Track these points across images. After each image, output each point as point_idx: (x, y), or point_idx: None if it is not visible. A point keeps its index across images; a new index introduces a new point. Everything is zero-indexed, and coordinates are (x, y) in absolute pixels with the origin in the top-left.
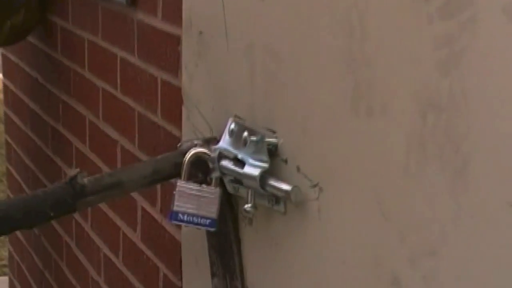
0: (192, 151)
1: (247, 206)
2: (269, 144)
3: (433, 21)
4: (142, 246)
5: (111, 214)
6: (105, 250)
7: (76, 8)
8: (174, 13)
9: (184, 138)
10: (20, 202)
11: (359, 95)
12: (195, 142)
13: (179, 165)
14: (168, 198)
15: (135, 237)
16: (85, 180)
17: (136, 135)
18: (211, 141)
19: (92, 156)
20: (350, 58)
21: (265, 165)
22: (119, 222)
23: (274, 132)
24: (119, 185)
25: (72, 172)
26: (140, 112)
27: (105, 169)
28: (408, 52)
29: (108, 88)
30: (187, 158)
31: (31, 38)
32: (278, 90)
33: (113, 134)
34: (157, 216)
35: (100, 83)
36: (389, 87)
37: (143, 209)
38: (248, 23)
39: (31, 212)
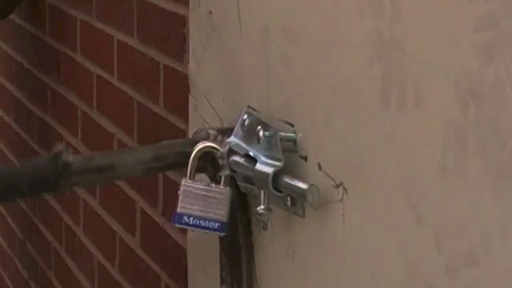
0: (199, 146)
1: (260, 208)
2: (286, 139)
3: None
4: (141, 253)
5: (106, 216)
6: (99, 257)
7: None
8: None
9: (191, 131)
10: None
11: (390, 83)
12: (210, 131)
13: (185, 154)
14: (171, 198)
15: (134, 242)
16: (71, 158)
17: (135, 127)
18: (227, 132)
19: (85, 151)
20: (379, 40)
21: (279, 163)
22: (115, 225)
23: (292, 125)
24: (110, 168)
25: (57, 148)
26: (139, 101)
27: None
28: (446, 34)
29: (103, 74)
30: (194, 153)
31: (15, 17)
32: (297, 78)
33: (109, 126)
34: (158, 219)
35: (94, 69)
36: (424, 74)
37: (142, 210)
38: (264, 3)
39: (2, 186)
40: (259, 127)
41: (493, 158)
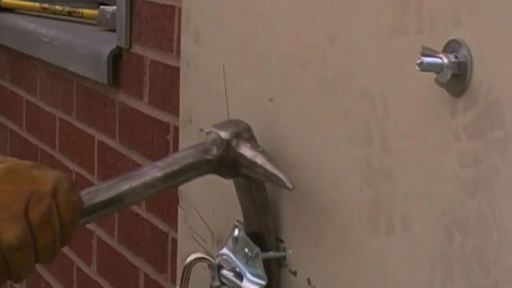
0: (192, 256)
1: None
2: (275, 256)
3: (460, 138)
4: None
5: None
6: None
7: (46, 83)
8: (163, 99)
9: (180, 241)
10: None
11: (378, 209)
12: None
13: (196, 164)
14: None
15: None
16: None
17: (116, 226)
18: (241, 134)
19: (64, 250)
20: (368, 168)
21: (262, 282)
22: None
23: (282, 241)
24: (120, 200)
25: None
26: None
27: (77, 264)
28: (432, 168)
29: (83, 173)
30: (187, 263)
31: None
32: (288, 199)
33: (89, 224)
34: None
35: (74, 167)
36: (412, 203)
37: None
38: (254, 126)
39: None
40: (244, 245)
41: (477, 284)
